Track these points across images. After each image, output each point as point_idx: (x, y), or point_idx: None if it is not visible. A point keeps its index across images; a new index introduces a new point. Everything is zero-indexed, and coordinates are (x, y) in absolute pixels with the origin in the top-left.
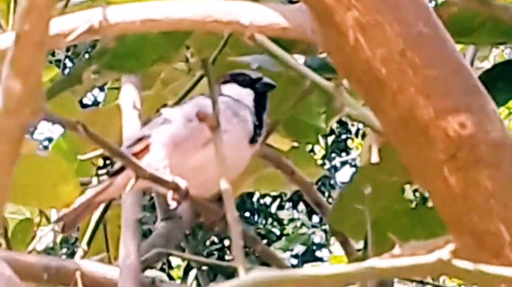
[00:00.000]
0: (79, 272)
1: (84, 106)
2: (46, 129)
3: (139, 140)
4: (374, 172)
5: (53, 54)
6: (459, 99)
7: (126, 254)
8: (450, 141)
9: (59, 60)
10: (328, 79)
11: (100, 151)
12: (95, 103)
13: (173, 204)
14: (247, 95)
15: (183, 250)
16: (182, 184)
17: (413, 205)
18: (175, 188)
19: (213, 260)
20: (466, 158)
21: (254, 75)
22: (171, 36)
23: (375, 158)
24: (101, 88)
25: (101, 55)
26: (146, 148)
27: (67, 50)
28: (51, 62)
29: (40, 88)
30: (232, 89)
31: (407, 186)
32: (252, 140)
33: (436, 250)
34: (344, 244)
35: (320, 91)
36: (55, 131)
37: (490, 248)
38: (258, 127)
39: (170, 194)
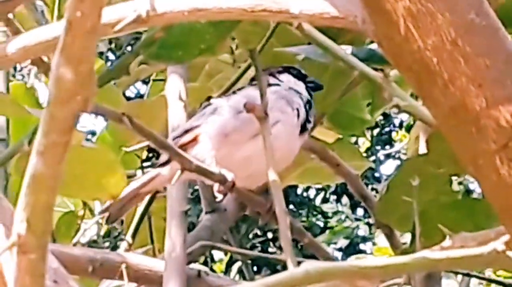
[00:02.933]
0: (124, 264)
1: (127, 99)
2: (89, 123)
3: (187, 131)
4: (422, 164)
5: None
6: (511, 88)
7: (171, 247)
8: (501, 131)
9: (101, 53)
10: (375, 70)
11: (145, 143)
12: (138, 96)
13: (219, 197)
14: (302, 87)
15: (228, 243)
16: (229, 176)
17: (460, 197)
18: (222, 180)
19: (258, 253)
20: None
21: (303, 71)
22: (218, 26)
23: (422, 149)
24: (144, 81)
25: (148, 46)
26: (194, 139)
27: (110, 42)
28: None
29: (91, 76)
30: (288, 79)
31: (453, 178)
32: (302, 131)
33: (488, 241)
34: (390, 236)
35: (367, 82)
36: (98, 124)
37: None
38: (307, 117)
39: (216, 186)
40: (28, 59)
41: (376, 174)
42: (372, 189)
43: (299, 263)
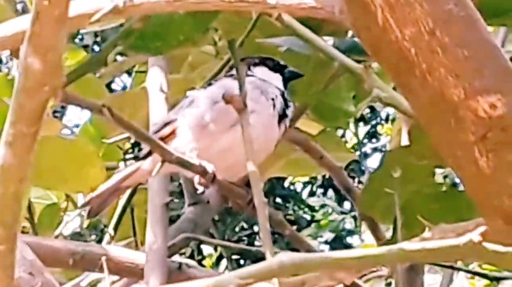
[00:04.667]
0: (104, 257)
1: (113, 91)
2: (75, 116)
3: (166, 124)
4: (404, 155)
5: (81, 39)
6: (490, 79)
7: (152, 239)
8: (480, 122)
9: (87, 46)
10: (357, 62)
11: (126, 134)
12: (124, 88)
13: (200, 189)
14: (277, 79)
15: (212, 236)
16: (209, 168)
17: (443, 189)
18: (202, 172)
19: (240, 245)
20: (497, 139)
21: (281, 62)
22: (197, 17)
23: (404, 142)
24: (129, 73)
25: (127, 36)
26: (173, 132)
27: (95, 35)
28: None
29: (60, 65)
30: (262, 71)
31: (437, 170)
32: (280, 120)
33: (466, 233)
34: (374, 229)
35: (349, 73)
36: (84, 117)
37: None
38: (285, 107)
39: (197, 178)
40: (6, 49)
41: (363, 168)
42: (359, 182)
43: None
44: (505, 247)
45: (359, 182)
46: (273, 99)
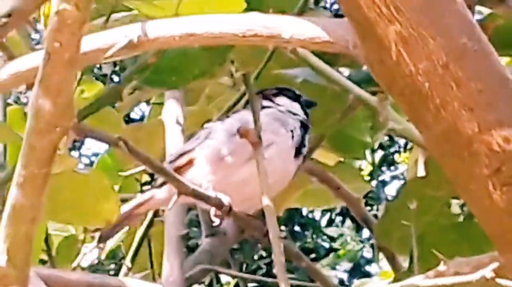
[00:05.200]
0: None
1: (132, 121)
2: (94, 145)
3: (182, 154)
4: (420, 187)
5: (99, 69)
6: (504, 113)
7: (169, 271)
8: (494, 156)
9: (105, 75)
10: (374, 93)
11: (142, 167)
12: (142, 118)
13: (216, 221)
14: (297, 108)
15: (229, 266)
16: (225, 200)
17: (460, 219)
18: (218, 204)
19: (256, 276)
20: (511, 173)
21: (297, 91)
22: (212, 51)
23: (421, 172)
24: (148, 102)
25: (142, 71)
26: (189, 163)
27: (114, 65)
28: (97, 78)
29: (70, 106)
30: (282, 101)
31: (454, 201)
32: (297, 153)
33: (480, 267)
34: (391, 259)
35: (364, 105)
36: (103, 146)
37: None
38: (303, 139)
39: (213, 210)
40: (20, 85)
41: (383, 196)
42: (377, 210)
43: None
44: None
45: (378, 210)
46: (292, 131)
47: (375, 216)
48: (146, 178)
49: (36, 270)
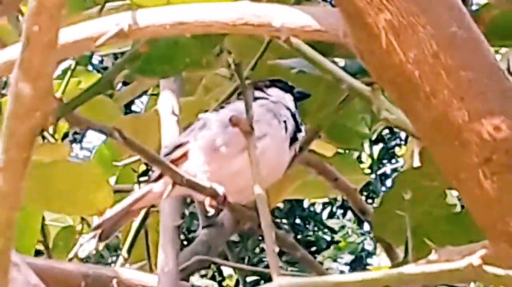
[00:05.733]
0: (115, 280)
1: (133, 113)
2: (95, 138)
3: (177, 147)
4: (414, 177)
5: (101, 61)
6: (494, 102)
7: (164, 262)
8: (484, 145)
9: (106, 68)
10: (369, 84)
11: (138, 157)
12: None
13: (211, 211)
14: (289, 99)
15: (227, 258)
16: (220, 190)
17: (457, 209)
18: (213, 194)
19: (253, 267)
20: (501, 162)
21: (289, 83)
22: (203, 40)
23: (417, 163)
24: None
25: (133, 60)
26: (184, 155)
27: (115, 58)
28: (98, 71)
29: (51, 91)
30: (274, 92)
31: (451, 191)
32: (291, 143)
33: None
34: (389, 250)
35: (358, 95)
36: (103, 139)
37: None
38: (297, 130)
39: (207, 200)
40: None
41: (383, 189)
42: None
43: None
44: (504, 270)
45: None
46: (285, 122)
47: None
48: (143, 168)
49: (30, 261)
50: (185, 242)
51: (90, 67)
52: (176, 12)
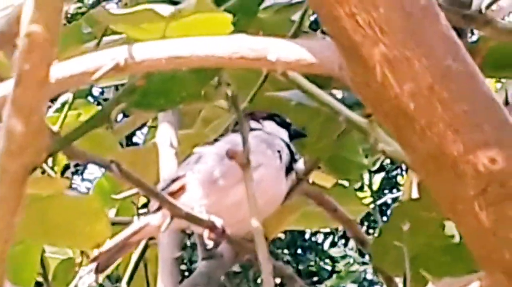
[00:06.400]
0: None
1: (134, 145)
2: (96, 170)
3: (174, 180)
4: (413, 208)
5: (101, 93)
6: (489, 134)
7: None
8: (480, 176)
9: (106, 99)
10: (367, 116)
11: (136, 190)
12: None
13: (210, 244)
14: (284, 134)
15: None
16: (218, 222)
17: (456, 240)
18: (211, 227)
19: None
20: (497, 194)
21: (287, 119)
22: (200, 73)
23: (415, 194)
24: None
25: (129, 94)
26: (182, 188)
27: (116, 89)
28: (99, 103)
29: (43, 128)
30: (270, 125)
31: (450, 221)
32: (287, 173)
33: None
34: (388, 281)
35: (355, 127)
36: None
37: None
38: (291, 159)
39: (206, 233)
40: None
41: (384, 218)
42: None
43: None
44: None
45: None
46: (279, 151)
47: None
48: (143, 201)
49: None
50: (186, 273)
51: (91, 99)
52: (172, 46)
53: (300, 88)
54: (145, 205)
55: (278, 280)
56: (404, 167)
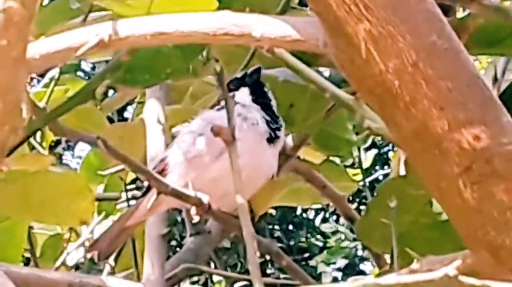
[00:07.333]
0: None
1: (125, 120)
2: (88, 146)
3: (160, 161)
4: (400, 185)
5: (93, 68)
6: (474, 111)
7: (149, 270)
8: (464, 154)
9: None
10: (354, 93)
11: (122, 166)
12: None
13: (196, 219)
14: (243, 95)
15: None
16: (205, 198)
17: (443, 217)
18: (198, 203)
19: (240, 275)
20: (481, 171)
21: (239, 74)
22: (185, 49)
23: (403, 171)
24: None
25: (114, 70)
26: (163, 170)
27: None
28: (89, 77)
29: (20, 106)
30: (243, 95)
31: None
32: (271, 138)
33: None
34: (377, 257)
35: (341, 104)
36: None
37: (507, 262)
38: (272, 122)
39: (193, 209)
40: None
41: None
42: None
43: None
44: (480, 281)
45: None
46: (253, 124)
47: None
48: (132, 176)
49: (15, 269)
50: (177, 249)
51: (82, 74)
52: (157, 22)
53: (287, 65)
54: (133, 181)
55: (268, 257)
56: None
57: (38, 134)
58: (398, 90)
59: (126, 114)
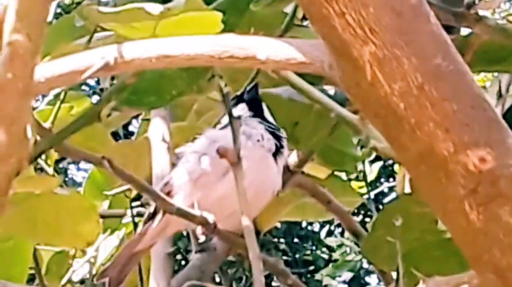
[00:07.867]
0: None
1: (130, 134)
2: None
3: (165, 184)
4: (405, 203)
5: (97, 82)
6: (479, 133)
7: None
8: (470, 176)
9: (102, 89)
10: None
11: (127, 186)
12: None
13: (202, 238)
14: (242, 111)
15: (220, 283)
16: (210, 218)
17: (448, 235)
18: (204, 222)
19: None
20: (487, 193)
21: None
22: (190, 72)
23: (408, 189)
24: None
25: (120, 91)
26: (169, 193)
27: (112, 78)
28: (95, 93)
29: (26, 137)
30: (242, 111)
31: None
32: (277, 150)
33: (461, 285)
34: (383, 273)
35: (345, 124)
36: None
37: None
38: (275, 130)
39: (199, 229)
40: None
41: (381, 207)
42: None
43: None
44: None
45: None
46: (258, 141)
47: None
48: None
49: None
50: (182, 262)
51: (86, 88)
52: (162, 45)
53: (292, 85)
54: (137, 197)
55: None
56: None
57: None
58: (403, 112)
59: (131, 128)
